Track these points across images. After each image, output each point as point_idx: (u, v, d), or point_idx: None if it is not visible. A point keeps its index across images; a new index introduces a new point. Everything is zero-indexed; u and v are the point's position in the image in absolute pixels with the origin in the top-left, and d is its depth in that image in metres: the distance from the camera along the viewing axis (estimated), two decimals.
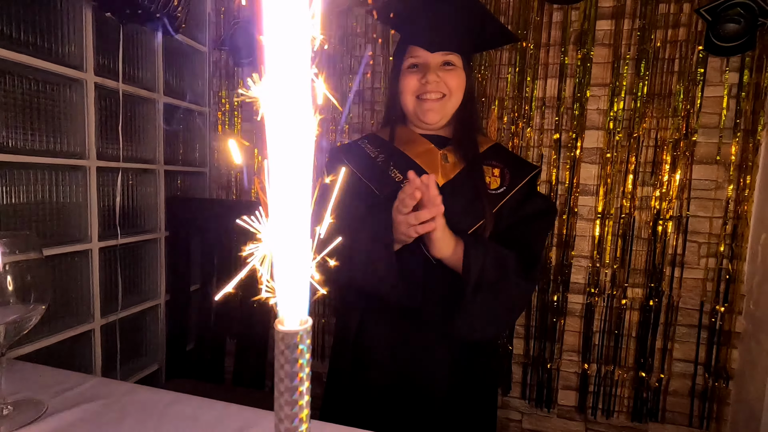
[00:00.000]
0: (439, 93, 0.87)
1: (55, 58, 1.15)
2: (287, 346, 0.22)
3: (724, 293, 1.39)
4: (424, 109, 0.88)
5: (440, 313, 0.83)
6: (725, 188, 1.38)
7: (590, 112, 1.47)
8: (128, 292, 1.45)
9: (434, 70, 0.85)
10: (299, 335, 0.23)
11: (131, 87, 1.39)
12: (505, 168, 0.89)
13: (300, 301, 0.23)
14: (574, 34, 1.47)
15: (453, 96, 0.88)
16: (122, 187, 1.37)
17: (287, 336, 0.22)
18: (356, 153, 0.93)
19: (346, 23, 1.65)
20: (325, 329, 1.77)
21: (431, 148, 0.89)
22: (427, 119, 0.89)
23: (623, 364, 1.50)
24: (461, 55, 0.88)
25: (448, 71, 0.86)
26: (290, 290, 0.23)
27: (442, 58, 0.86)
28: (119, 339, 1.38)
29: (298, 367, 0.23)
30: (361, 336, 0.89)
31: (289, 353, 0.22)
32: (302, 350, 0.23)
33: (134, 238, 1.46)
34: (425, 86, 0.86)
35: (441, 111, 0.88)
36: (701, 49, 1.36)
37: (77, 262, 1.25)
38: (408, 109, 0.90)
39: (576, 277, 1.52)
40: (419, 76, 0.86)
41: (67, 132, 1.22)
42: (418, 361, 0.85)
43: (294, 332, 0.22)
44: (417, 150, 0.89)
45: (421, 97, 0.87)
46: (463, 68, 0.89)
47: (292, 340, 0.22)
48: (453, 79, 0.87)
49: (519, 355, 1.58)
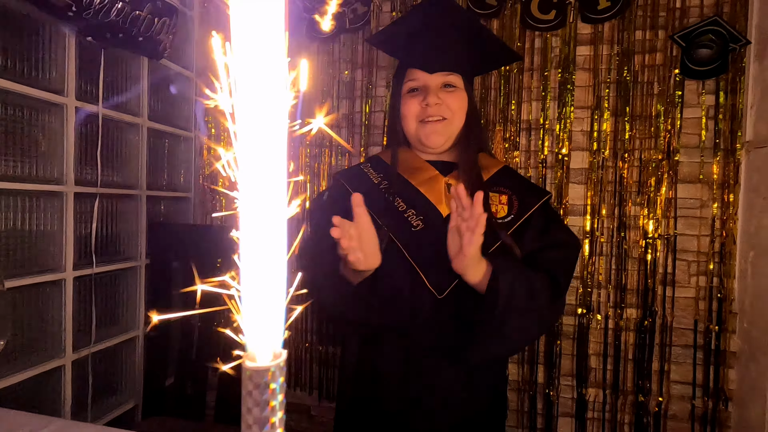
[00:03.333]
0: (440, 116, 0.84)
1: (35, 83, 1.13)
2: (256, 385, 0.19)
3: (717, 312, 1.38)
4: (426, 133, 0.85)
5: (450, 341, 0.80)
6: (710, 206, 1.39)
7: (575, 133, 1.49)
8: (104, 324, 1.37)
9: (434, 92, 0.83)
10: (270, 372, 0.19)
11: (114, 112, 1.37)
12: (513, 195, 0.85)
13: (273, 332, 0.20)
14: (556, 59, 1.51)
15: (455, 118, 0.85)
16: (100, 214, 1.32)
17: (256, 374, 0.19)
18: (358, 179, 0.89)
19: (332, 49, 1.67)
20: (314, 358, 1.69)
21: (436, 175, 0.86)
22: (430, 143, 0.85)
23: (622, 388, 1.46)
24: (462, 76, 0.85)
25: (449, 93, 0.84)
26: (260, 319, 0.20)
27: (442, 80, 0.84)
28: (92, 374, 1.29)
29: (269, 410, 0.19)
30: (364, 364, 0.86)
31: (259, 394, 0.19)
32: (274, 390, 0.20)
33: (112, 266, 1.39)
34: (426, 109, 0.83)
35: (444, 133, 0.85)
36: (677, 72, 1.41)
37: (49, 292, 1.19)
38: (410, 133, 0.88)
39: (569, 298, 1.50)
40: (420, 99, 0.84)
41: (45, 157, 1.18)
42: (428, 388, 0.81)
43: (264, 369, 0.19)
44: (421, 177, 0.86)
45: (423, 120, 0.85)
46: (465, 89, 0.86)
47: (262, 379, 0.19)
48: (454, 101, 0.84)
49: (514, 381, 1.53)
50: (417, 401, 0.81)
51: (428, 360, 0.81)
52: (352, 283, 0.76)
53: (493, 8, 1.51)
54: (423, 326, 0.80)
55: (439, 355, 0.81)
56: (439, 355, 0.81)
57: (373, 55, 1.64)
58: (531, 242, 0.82)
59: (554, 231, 0.84)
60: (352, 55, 1.66)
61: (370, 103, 1.65)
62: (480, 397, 0.85)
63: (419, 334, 0.80)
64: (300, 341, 1.70)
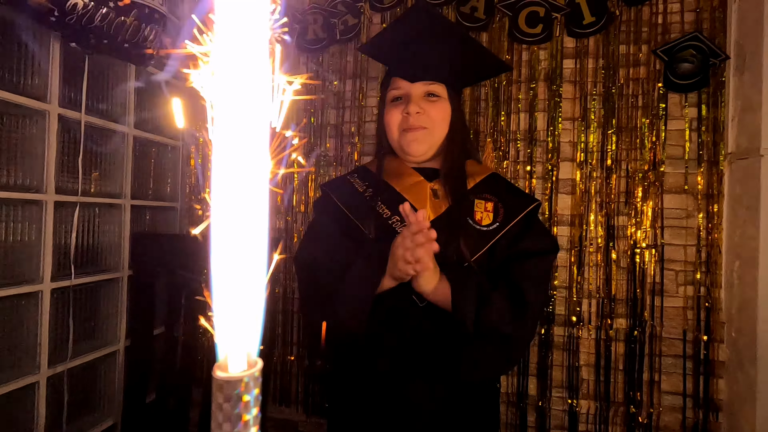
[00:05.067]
0: (420, 126, 0.82)
1: (17, 89, 1.10)
2: (227, 398, 0.17)
3: (705, 322, 1.39)
4: (407, 141, 0.84)
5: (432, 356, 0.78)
6: (696, 216, 1.41)
7: (563, 144, 1.51)
8: (83, 338, 1.32)
9: (416, 101, 0.82)
10: (244, 382, 0.18)
11: (99, 120, 1.34)
12: (499, 202, 0.84)
13: (247, 338, 0.19)
14: (543, 72, 1.53)
15: (436, 128, 0.84)
16: (80, 223, 1.28)
17: (227, 385, 0.17)
18: (344, 189, 0.89)
19: (321, 59, 1.68)
20: (300, 372, 1.65)
21: (420, 180, 0.85)
22: (411, 151, 0.85)
23: (613, 399, 1.45)
24: (446, 86, 0.84)
25: (431, 102, 0.83)
26: (233, 324, 0.18)
27: (425, 89, 0.83)
28: (68, 391, 1.23)
29: (242, 426, 0.18)
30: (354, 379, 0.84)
31: (230, 408, 0.17)
32: (248, 403, 0.18)
33: (93, 277, 1.35)
34: (407, 118, 0.83)
35: (425, 142, 0.84)
36: (661, 86, 1.44)
37: (24, 305, 1.14)
38: (393, 142, 0.87)
39: (559, 308, 1.49)
40: (402, 108, 0.83)
41: (25, 164, 1.14)
42: (416, 405, 0.79)
43: (236, 379, 0.17)
44: (406, 183, 0.85)
45: (405, 129, 0.84)
46: (449, 99, 0.85)
47: (234, 390, 0.17)
48: (436, 111, 0.83)
49: (506, 393, 1.51)
50: (408, 417, 0.79)
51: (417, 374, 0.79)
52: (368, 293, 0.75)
53: (481, 21, 1.54)
54: (410, 338, 0.78)
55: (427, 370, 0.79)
56: (428, 369, 0.79)
57: (364, 65, 1.64)
58: (501, 252, 0.81)
59: (526, 241, 0.82)
60: (343, 66, 1.67)
61: (361, 113, 1.66)
62: (471, 412, 0.83)
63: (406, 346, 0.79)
64: (286, 354, 1.66)
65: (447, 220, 0.81)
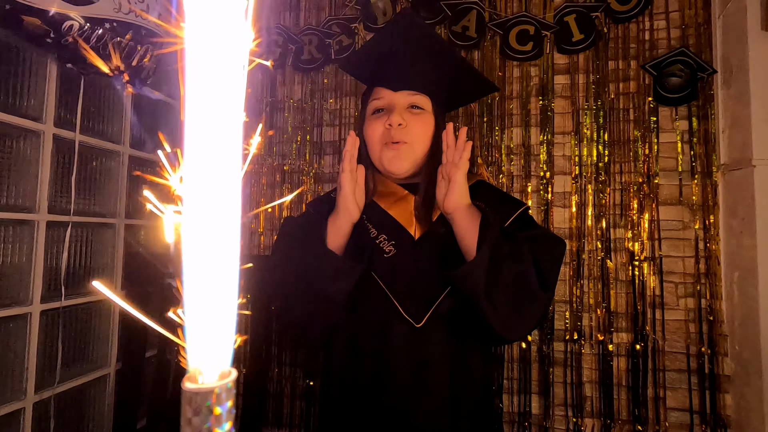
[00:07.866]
0: (401, 140, 0.79)
1: (12, 109, 1.11)
2: (196, 411, 0.16)
3: (708, 335, 1.37)
4: (389, 158, 0.80)
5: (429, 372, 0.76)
6: (692, 228, 1.41)
7: (557, 158, 1.52)
8: (72, 361, 1.28)
9: (399, 111, 0.78)
10: (215, 394, 0.17)
11: (94, 139, 1.35)
12: (488, 208, 0.81)
13: (219, 347, 0.18)
14: (535, 88, 1.55)
15: (416, 143, 0.80)
16: (72, 243, 1.26)
17: (197, 397, 0.16)
18: (328, 207, 0.85)
19: (317, 78, 1.70)
20: (295, 393, 1.60)
21: (405, 195, 0.83)
22: (393, 169, 0.80)
23: (617, 417, 1.41)
24: (431, 99, 0.81)
25: (414, 114, 0.80)
26: (204, 331, 0.17)
27: (408, 99, 0.80)
28: (55, 417, 1.19)
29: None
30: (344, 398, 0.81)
31: (199, 422, 0.16)
32: (220, 416, 0.17)
33: (84, 299, 1.32)
34: (390, 131, 0.78)
35: (408, 158, 0.80)
36: (651, 99, 1.46)
37: (12, 327, 1.11)
38: (375, 158, 0.83)
39: (558, 323, 1.47)
40: (384, 120, 0.79)
41: (17, 184, 1.14)
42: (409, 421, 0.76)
43: (206, 391, 0.16)
44: (390, 200, 0.83)
45: (387, 143, 0.79)
46: (434, 113, 0.82)
47: (204, 402, 0.16)
48: (419, 124, 0.80)
49: (508, 413, 1.47)
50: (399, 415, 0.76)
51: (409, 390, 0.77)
52: (339, 257, 0.75)
53: (473, 40, 1.57)
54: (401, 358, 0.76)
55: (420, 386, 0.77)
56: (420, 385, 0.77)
57: (360, 83, 1.67)
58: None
59: (533, 230, 0.81)
60: (339, 84, 1.69)
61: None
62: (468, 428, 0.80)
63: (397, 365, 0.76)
64: (280, 375, 1.61)
65: (434, 234, 0.80)
